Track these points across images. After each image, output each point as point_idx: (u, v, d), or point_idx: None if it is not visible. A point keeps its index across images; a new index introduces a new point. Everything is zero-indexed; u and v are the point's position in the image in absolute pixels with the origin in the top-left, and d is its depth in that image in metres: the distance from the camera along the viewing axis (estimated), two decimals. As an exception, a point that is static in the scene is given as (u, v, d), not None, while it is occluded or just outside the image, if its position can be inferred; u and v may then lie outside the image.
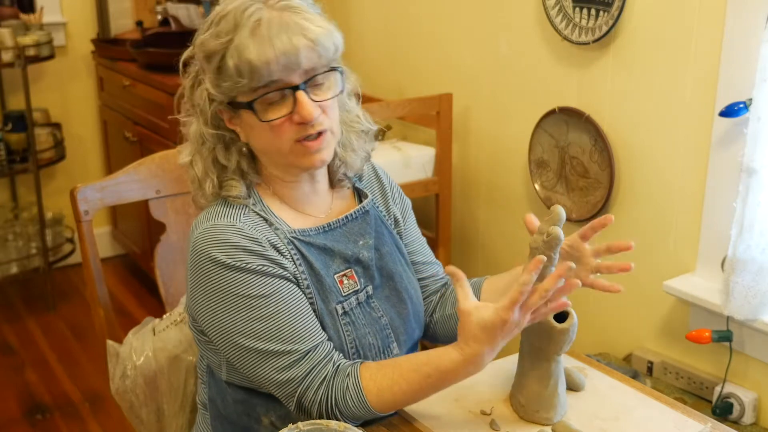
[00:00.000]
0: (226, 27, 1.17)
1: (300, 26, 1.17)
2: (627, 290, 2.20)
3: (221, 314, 1.20)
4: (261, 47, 1.15)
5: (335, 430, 1.08)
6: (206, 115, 1.24)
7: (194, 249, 1.23)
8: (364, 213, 1.35)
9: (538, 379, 1.22)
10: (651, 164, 2.08)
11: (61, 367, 3.03)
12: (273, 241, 1.23)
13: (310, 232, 1.27)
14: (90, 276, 1.56)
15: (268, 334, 1.19)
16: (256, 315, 1.19)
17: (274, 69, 1.16)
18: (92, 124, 3.88)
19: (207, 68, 1.21)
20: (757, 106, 1.72)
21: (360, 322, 1.28)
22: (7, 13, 3.45)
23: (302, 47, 1.17)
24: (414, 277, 1.41)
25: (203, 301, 1.22)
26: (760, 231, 1.77)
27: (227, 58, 1.17)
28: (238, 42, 1.16)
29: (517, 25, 2.40)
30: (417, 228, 1.49)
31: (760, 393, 1.91)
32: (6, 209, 3.62)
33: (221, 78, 1.19)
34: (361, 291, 1.30)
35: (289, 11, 1.18)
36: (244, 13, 1.17)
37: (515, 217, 2.54)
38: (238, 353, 1.21)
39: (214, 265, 1.20)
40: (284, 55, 1.15)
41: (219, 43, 1.17)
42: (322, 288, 1.25)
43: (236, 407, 1.31)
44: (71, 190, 1.54)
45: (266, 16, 1.16)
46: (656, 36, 2.00)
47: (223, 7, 1.21)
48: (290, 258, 1.23)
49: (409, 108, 2.57)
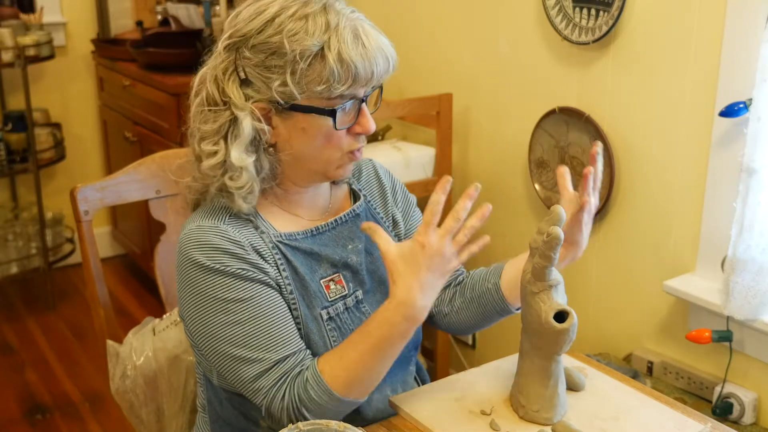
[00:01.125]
0: (314, 26, 1.14)
1: (383, 40, 1.19)
2: (627, 290, 2.21)
3: (200, 316, 1.19)
4: (366, 54, 1.15)
5: (335, 430, 1.08)
6: (249, 112, 1.18)
7: (179, 250, 1.22)
8: (354, 216, 1.33)
9: (538, 379, 1.21)
10: (651, 164, 2.08)
11: (61, 367, 3.03)
12: (256, 245, 1.21)
13: (296, 236, 1.25)
14: (90, 276, 1.56)
15: (242, 339, 1.17)
16: (232, 319, 1.18)
17: (373, 79, 1.17)
18: (92, 124, 3.88)
19: (279, 66, 1.15)
20: (757, 106, 1.72)
21: (347, 327, 1.26)
22: (7, 13, 3.45)
23: (392, 61, 1.19)
24: None
25: (185, 302, 1.22)
26: (760, 231, 1.77)
27: (327, 59, 1.13)
28: (340, 45, 1.13)
29: (517, 25, 2.40)
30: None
31: (760, 393, 1.91)
32: (6, 209, 3.62)
33: (306, 78, 1.15)
34: (350, 296, 1.28)
35: (364, 21, 1.19)
36: (334, 13, 1.15)
37: (515, 217, 2.54)
38: (216, 357, 1.20)
39: (195, 267, 1.19)
40: (383, 67, 1.17)
41: (313, 43, 1.13)
42: (306, 293, 1.23)
43: (233, 410, 1.31)
44: (71, 190, 1.54)
45: (357, 24, 1.16)
46: (656, 36, 2.00)
47: (282, 6, 1.16)
48: (273, 263, 1.22)
49: (409, 108, 2.57)
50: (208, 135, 1.20)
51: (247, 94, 1.18)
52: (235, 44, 1.18)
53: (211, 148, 1.19)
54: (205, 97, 1.20)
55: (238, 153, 1.17)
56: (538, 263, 1.18)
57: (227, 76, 1.18)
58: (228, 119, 1.18)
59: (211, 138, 1.20)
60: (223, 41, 1.19)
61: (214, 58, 1.21)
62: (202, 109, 1.21)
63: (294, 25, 1.14)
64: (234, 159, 1.17)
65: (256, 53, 1.16)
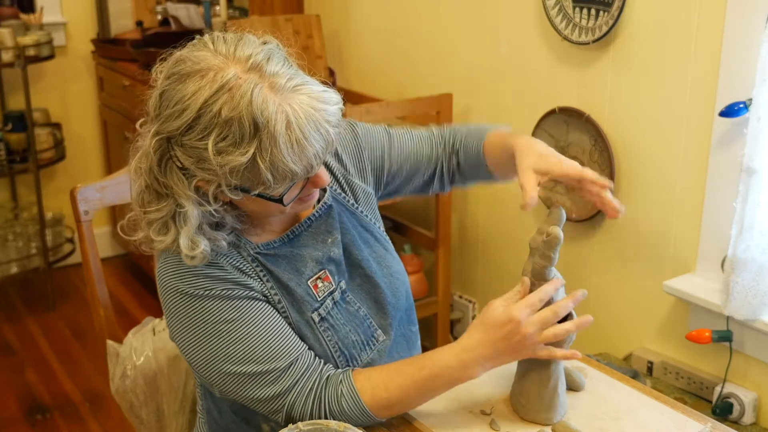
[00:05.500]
0: (242, 130, 1.04)
1: (324, 113, 1.09)
2: (627, 290, 2.21)
3: (196, 343, 1.18)
4: (301, 152, 1.07)
5: (335, 430, 1.08)
6: (193, 201, 1.11)
7: (159, 280, 1.20)
8: (327, 208, 1.31)
9: (538, 379, 1.21)
10: (651, 164, 2.08)
11: (61, 367, 3.03)
12: (236, 263, 1.19)
13: (274, 245, 1.24)
14: (90, 276, 1.56)
15: (244, 356, 1.16)
16: (229, 339, 1.16)
17: (314, 168, 1.11)
18: (92, 124, 3.88)
19: (212, 172, 1.08)
20: (757, 106, 1.72)
21: (339, 323, 1.26)
22: (7, 13, 3.45)
23: (333, 136, 1.10)
24: (381, 247, 1.36)
25: (178, 333, 1.20)
26: (760, 231, 1.77)
27: (259, 168, 1.06)
28: (272, 150, 1.05)
29: (517, 25, 2.40)
30: (380, 136, 1.42)
31: (760, 393, 1.91)
32: (6, 209, 3.62)
33: (241, 183, 1.09)
34: (336, 290, 1.28)
35: (299, 92, 1.08)
36: (259, 108, 1.04)
37: (515, 217, 2.54)
38: (219, 378, 1.18)
39: (179, 296, 1.17)
40: (324, 152, 1.10)
41: (241, 161, 1.05)
42: (293, 299, 1.22)
43: (234, 417, 1.30)
44: (71, 190, 1.54)
45: (288, 110, 1.06)
46: (656, 36, 2.00)
47: (206, 100, 1.04)
48: (256, 276, 1.20)
49: (409, 108, 2.57)
50: (154, 222, 1.15)
51: (189, 174, 1.11)
52: (165, 137, 1.10)
53: (160, 238, 1.15)
54: (144, 187, 1.15)
55: (187, 240, 1.12)
56: (538, 263, 1.18)
57: (163, 165, 1.11)
58: (172, 207, 1.13)
59: (157, 224, 1.15)
60: (150, 129, 1.11)
61: (145, 140, 1.13)
62: (143, 197, 1.16)
63: (220, 131, 1.05)
64: (183, 247, 1.13)
65: (186, 154, 1.09)
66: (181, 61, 1.09)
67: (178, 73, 1.09)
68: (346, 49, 3.19)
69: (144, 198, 1.16)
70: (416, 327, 1.43)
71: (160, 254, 1.21)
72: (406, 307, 1.39)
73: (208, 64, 1.07)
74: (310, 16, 3.08)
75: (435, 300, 2.76)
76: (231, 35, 1.12)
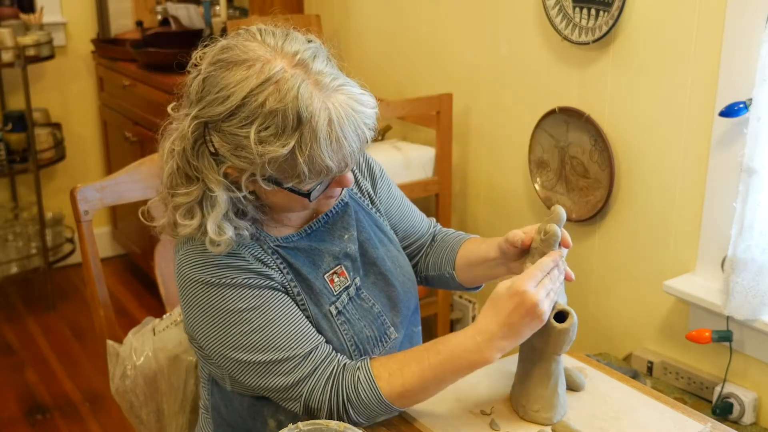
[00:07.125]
0: (284, 123, 1.07)
1: (362, 115, 1.12)
2: (627, 290, 2.21)
3: (215, 332, 1.19)
4: (339, 151, 1.09)
5: (335, 430, 1.08)
6: (223, 186, 1.14)
7: (179, 272, 1.21)
8: (344, 206, 1.33)
9: (539, 379, 1.22)
10: (651, 164, 2.08)
11: (61, 367, 3.03)
12: (257, 254, 1.21)
13: (293, 238, 1.26)
14: (90, 276, 1.56)
15: (264, 345, 1.17)
16: (250, 328, 1.17)
17: (348, 167, 1.14)
18: (92, 124, 3.88)
19: (248, 159, 1.10)
20: (757, 106, 1.72)
21: (354, 317, 1.27)
22: (7, 13, 3.45)
23: (368, 137, 1.14)
24: (394, 247, 1.39)
25: (196, 321, 1.21)
26: (760, 231, 1.77)
27: (297, 160, 1.08)
28: (312, 145, 1.07)
29: (517, 25, 2.40)
30: (396, 193, 1.46)
31: (760, 393, 1.91)
32: (6, 209, 3.62)
33: (275, 174, 1.11)
34: (351, 285, 1.29)
35: (341, 92, 1.10)
36: (304, 103, 1.06)
37: (515, 217, 2.54)
38: (238, 367, 1.20)
39: (201, 286, 1.18)
40: (358, 153, 1.13)
41: (285, 148, 1.07)
42: (312, 292, 1.24)
43: (242, 412, 1.31)
44: (71, 190, 1.54)
45: (331, 108, 1.08)
46: (656, 36, 2.00)
47: (250, 91, 1.07)
48: (276, 268, 1.22)
49: (409, 108, 2.57)
50: (181, 205, 1.16)
51: (219, 160, 1.13)
52: (203, 121, 1.11)
53: (186, 222, 1.16)
54: (175, 169, 1.16)
55: (214, 225, 1.14)
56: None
57: (197, 149, 1.13)
58: (201, 191, 1.15)
59: (184, 208, 1.16)
60: (190, 112, 1.12)
61: (181, 123, 1.15)
62: (172, 180, 1.17)
63: (263, 121, 1.07)
64: (211, 232, 1.14)
65: (224, 140, 1.10)
66: (228, 48, 1.12)
67: (224, 60, 1.10)
68: (347, 49, 3.19)
69: (173, 180, 1.17)
70: (419, 328, 1.45)
71: (180, 247, 1.22)
72: (414, 308, 1.41)
73: (256, 55, 1.09)
74: (310, 16, 3.08)
75: (435, 300, 2.76)
76: (279, 30, 1.15)
